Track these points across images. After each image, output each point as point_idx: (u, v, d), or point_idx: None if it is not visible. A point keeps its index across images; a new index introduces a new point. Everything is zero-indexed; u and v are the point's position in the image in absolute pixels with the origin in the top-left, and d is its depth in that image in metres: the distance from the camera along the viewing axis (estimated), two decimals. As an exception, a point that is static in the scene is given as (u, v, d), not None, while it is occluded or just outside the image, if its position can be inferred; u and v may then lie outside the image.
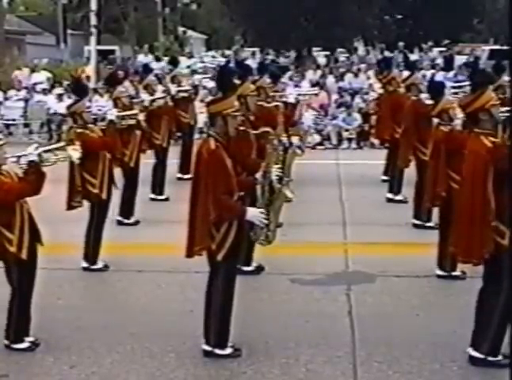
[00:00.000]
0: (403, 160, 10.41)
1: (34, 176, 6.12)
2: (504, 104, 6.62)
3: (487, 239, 5.62)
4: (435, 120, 8.35)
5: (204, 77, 17.82)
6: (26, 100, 20.36)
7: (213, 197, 5.74)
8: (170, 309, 7.22)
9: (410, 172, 10.29)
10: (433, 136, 8.14)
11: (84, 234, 8.34)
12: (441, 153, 7.81)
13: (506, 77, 10.42)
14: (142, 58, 26.89)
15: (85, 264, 8.35)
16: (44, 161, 6.26)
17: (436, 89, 8.58)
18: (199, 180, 5.87)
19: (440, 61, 25.11)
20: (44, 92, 20.52)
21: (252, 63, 15.42)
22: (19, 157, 6.17)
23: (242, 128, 7.09)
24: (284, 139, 8.65)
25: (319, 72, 23.14)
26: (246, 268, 7.87)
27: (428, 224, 9.44)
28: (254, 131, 7.72)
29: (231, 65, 13.27)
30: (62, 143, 7.24)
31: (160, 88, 12.58)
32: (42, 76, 22.58)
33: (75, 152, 7.16)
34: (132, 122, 9.78)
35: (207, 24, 48.52)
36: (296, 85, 18.82)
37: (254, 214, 5.91)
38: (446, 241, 7.20)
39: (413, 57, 20.74)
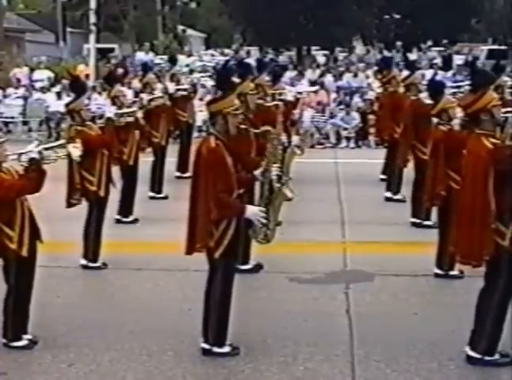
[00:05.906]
0: (401, 159, 10.43)
1: (35, 174, 6.10)
2: (503, 104, 6.60)
3: (487, 241, 5.62)
4: (434, 120, 8.35)
5: (203, 76, 17.84)
6: (25, 98, 20.36)
7: (213, 195, 5.75)
8: (169, 307, 7.22)
9: (409, 171, 10.31)
10: (433, 135, 8.14)
11: (82, 232, 8.36)
12: (440, 153, 7.82)
13: (505, 78, 10.44)
14: (142, 56, 26.83)
15: (83, 262, 8.36)
16: (45, 159, 6.26)
17: (436, 89, 8.57)
18: (199, 177, 5.87)
19: (438, 61, 25.08)
20: (43, 90, 20.51)
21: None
22: (20, 154, 6.16)
23: (243, 126, 7.09)
24: (284, 138, 8.64)
25: (318, 71, 23.13)
26: (244, 267, 7.87)
27: (426, 223, 9.45)
28: (255, 130, 7.72)
29: (232, 63, 13.26)
30: (62, 141, 7.24)
31: (159, 86, 12.57)
32: (43, 74, 22.55)
33: (76, 150, 7.15)
34: (130, 120, 9.79)
35: (206, 22, 48.55)
36: (294, 84, 18.83)
37: (253, 212, 5.92)
38: (445, 240, 7.21)
39: (411, 56, 20.72)
